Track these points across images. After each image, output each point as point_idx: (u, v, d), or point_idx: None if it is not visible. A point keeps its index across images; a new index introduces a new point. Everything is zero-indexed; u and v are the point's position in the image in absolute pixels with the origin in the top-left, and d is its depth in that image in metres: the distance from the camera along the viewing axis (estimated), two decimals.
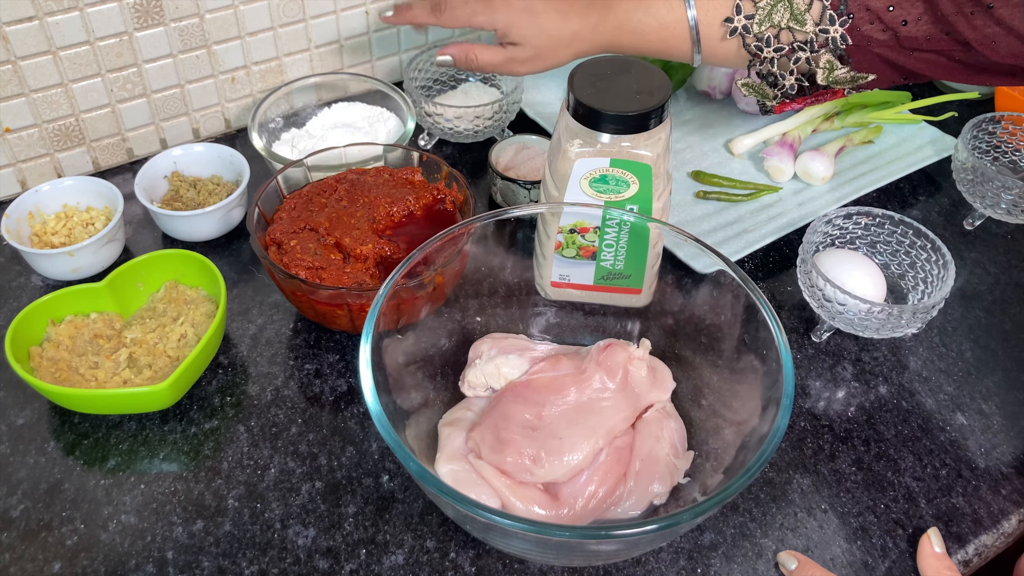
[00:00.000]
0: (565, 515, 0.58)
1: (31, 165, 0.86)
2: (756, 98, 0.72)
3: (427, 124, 0.92)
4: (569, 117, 0.63)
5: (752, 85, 0.70)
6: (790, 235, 0.84)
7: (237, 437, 0.67)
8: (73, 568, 0.59)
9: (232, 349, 0.73)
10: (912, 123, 0.96)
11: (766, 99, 0.71)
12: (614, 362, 0.64)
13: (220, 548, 0.60)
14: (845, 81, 0.67)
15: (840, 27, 0.65)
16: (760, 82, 0.69)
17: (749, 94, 0.72)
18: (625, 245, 0.66)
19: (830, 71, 0.66)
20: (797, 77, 0.68)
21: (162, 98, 0.89)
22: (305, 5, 0.91)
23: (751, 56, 0.68)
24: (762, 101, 0.72)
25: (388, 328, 0.58)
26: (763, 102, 0.72)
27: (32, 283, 0.79)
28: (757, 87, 0.70)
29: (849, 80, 0.67)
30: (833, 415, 0.70)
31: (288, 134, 0.91)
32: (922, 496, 0.65)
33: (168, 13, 0.84)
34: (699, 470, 0.61)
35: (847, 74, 0.66)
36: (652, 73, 0.64)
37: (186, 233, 0.81)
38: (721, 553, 0.61)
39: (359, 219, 0.73)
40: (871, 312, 0.69)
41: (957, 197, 0.91)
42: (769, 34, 0.67)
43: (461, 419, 0.64)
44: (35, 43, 0.79)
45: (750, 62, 0.69)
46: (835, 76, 0.66)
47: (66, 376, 0.67)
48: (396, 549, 0.60)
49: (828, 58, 0.66)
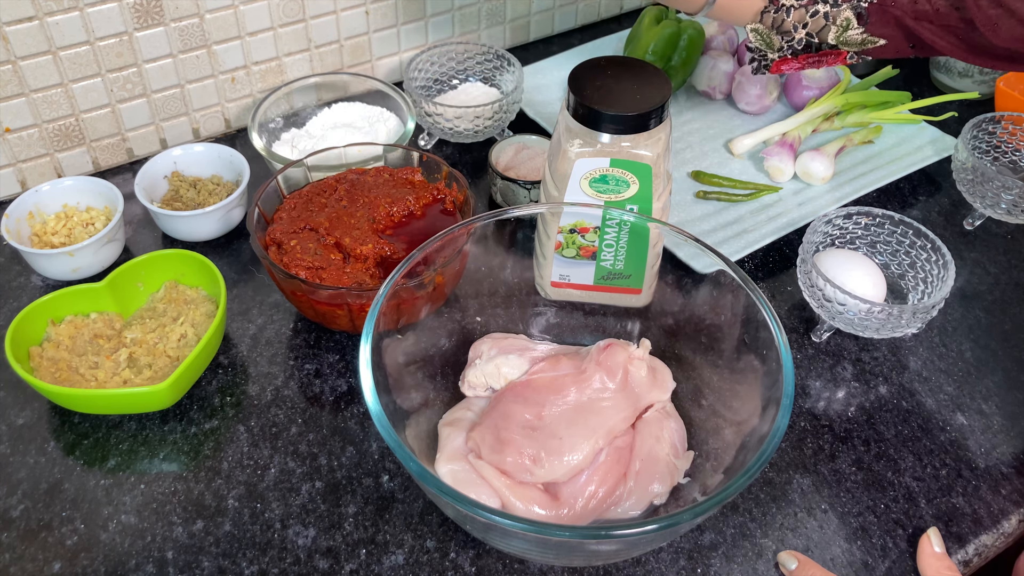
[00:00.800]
0: (565, 515, 0.58)
1: (31, 165, 0.86)
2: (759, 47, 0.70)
3: (427, 124, 0.92)
4: (569, 117, 0.63)
5: (760, 31, 0.68)
6: (790, 235, 0.84)
7: (237, 437, 0.67)
8: (73, 568, 0.59)
9: (232, 349, 0.73)
10: (912, 123, 0.96)
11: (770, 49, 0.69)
12: (614, 362, 0.64)
13: (220, 548, 0.60)
14: (855, 43, 0.66)
15: None
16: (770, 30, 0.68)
17: (756, 40, 0.70)
18: (625, 245, 0.66)
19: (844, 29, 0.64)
20: (808, 32, 0.66)
21: (162, 98, 0.89)
22: (305, 5, 0.91)
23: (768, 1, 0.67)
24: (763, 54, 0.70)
25: (388, 328, 0.59)
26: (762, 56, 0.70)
27: (32, 283, 0.79)
28: (765, 34, 0.68)
29: (859, 43, 0.66)
30: (833, 415, 0.70)
31: (288, 134, 0.91)
32: (922, 496, 0.65)
33: (168, 13, 0.84)
34: (699, 470, 0.61)
35: (859, 35, 0.65)
36: (652, 73, 0.64)
37: (186, 233, 0.81)
38: (721, 553, 0.61)
39: (359, 219, 0.73)
40: (871, 312, 0.69)
41: (957, 197, 0.91)
42: None
43: (461, 419, 0.64)
44: (35, 43, 0.79)
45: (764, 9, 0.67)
46: (847, 36, 0.65)
47: (66, 376, 0.67)
48: (396, 549, 0.60)
49: (847, 15, 0.65)
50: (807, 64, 0.69)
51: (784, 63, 0.70)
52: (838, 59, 0.68)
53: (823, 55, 0.68)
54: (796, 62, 0.69)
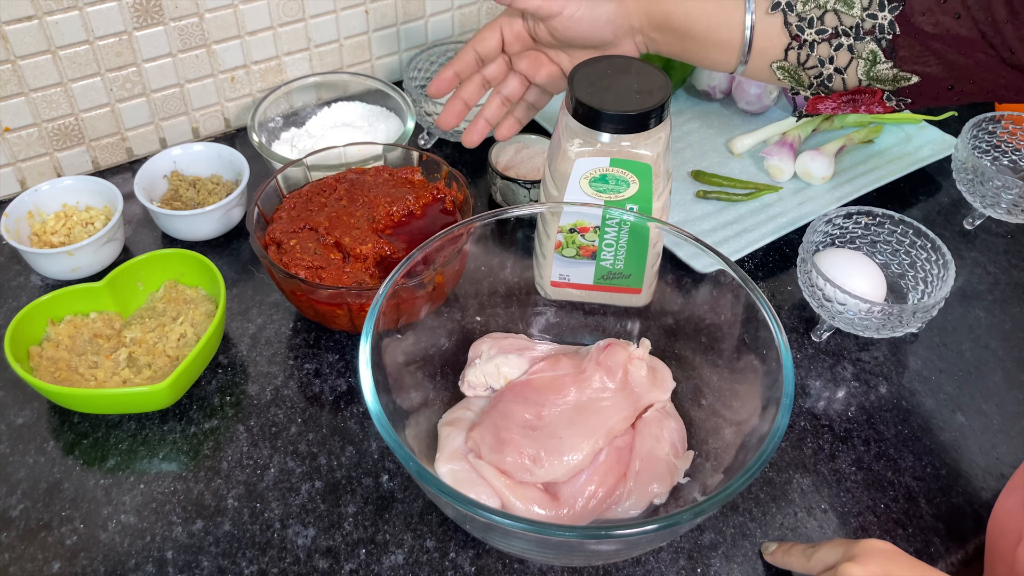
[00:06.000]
0: (565, 515, 0.58)
1: (30, 164, 0.86)
2: (789, 85, 0.68)
3: (427, 124, 0.92)
4: (569, 117, 0.63)
5: (787, 68, 0.66)
6: (790, 235, 0.84)
7: (237, 437, 0.67)
8: (73, 568, 0.59)
9: (232, 349, 0.73)
10: (912, 123, 0.96)
11: (800, 86, 0.67)
12: (614, 362, 0.64)
13: (220, 548, 0.60)
14: (887, 80, 0.63)
15: (889, 13, 0.61)
16: (796, 67, 0.66)
17: (784, 78, 0.67)
18: (625, 245, 0.66)
19: (871, 63, 0.62)
20: (836, 68, 0.64)
21: (162, 97, 0.89)
22: (305, 5, 0.91)
23: (791, 38, 0.64)
24: (795, 91, 0.68)
25: (388, 328, 0.58)
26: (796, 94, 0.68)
27: (32, 283, 0.79)
28: (792, 71, 0.66)
29: (891, 79, 0.63)
30: (833, 415, 0.70)
31: (288, 133, 0.91)
32: (922, 496, 0.65)
33: (168, 12, 0.83)
34: (699, 470, 0.61)
35: (890, 70, 0.63)
36: (652, 73, 0.64)
37: (186, 233, 0.81)
38: (721, 553, 0.61)
39: (359, 219, 0.73)
40: (871, 312, 0.69)
41: (957, 197, 0.91)
42: (813, 15, 0.63)
43: (461, 419, 0.64)
44: (35, 42, 0.79)
45: (788, 46, 0.65)
46: (877, 71, 0.63)
47: (65, 376, 0.67)
48: (396, 549, 0.60)
49: (872, 48, 0.62)
50: (842, 103, 0.67)
51: (819, 101, 0.67)
52: (874, 99, 0.66)
53: (857, 93, 0.66)
54: (831, 100, 0.67)
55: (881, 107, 0.66)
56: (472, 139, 0.76)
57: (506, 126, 0.76)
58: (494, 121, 0.76)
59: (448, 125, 0.75)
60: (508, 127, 0.76)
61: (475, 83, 0.73)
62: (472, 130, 0.76)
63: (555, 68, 0.72)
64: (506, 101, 0.75)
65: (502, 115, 0.76)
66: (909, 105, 0.66)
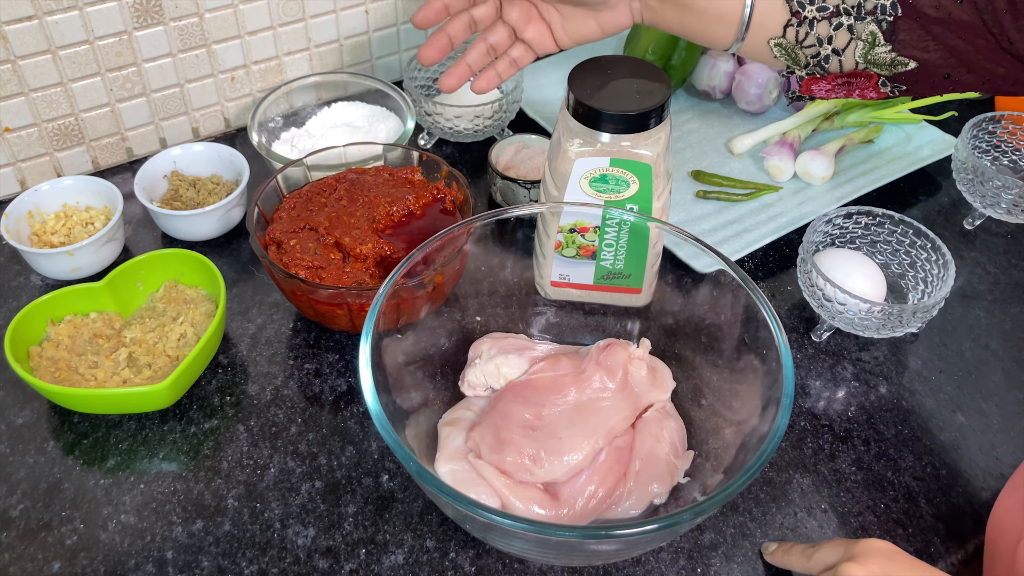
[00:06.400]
0: (565, 515, 0.58)
1: (30, 164, 0.86)
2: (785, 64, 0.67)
3: (427, 124, 0.92)
4: (569, 117, 0.63)
5: (784, 46, 0.65)
6: (790, 235, 0.84)
7: (237, 437, 0.67)
8: (73, 568, 0.59)
9: (232, 349, 0.73)
10: (912, 122, 0.96)
11: (797, 66, 0.66)
12: (614, 362, 0.64)
13: (220, 548, 0.60)
14: (884, 64, 0.62)
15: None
16: (794, 45, 0.64)
17: (780, 56, 0.66)
18: (625, 245, 0.66)
19: (870, 46, 0.61)
20: (834, 48, 0.63)
21: (162, 97, 0.89)
22: (305, 5, 0.91)
23: (791, 14, 0.63)
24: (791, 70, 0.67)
25: (388, 328, 0.58)
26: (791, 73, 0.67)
27: (32, 283, 0.79)
28: (789, 49, 0.65)
29: (888, 64, 0.62)
30: (833, 415, 0.70)
31: (288, 133, 0.91)
32: (922, 496, 0.65)
33: (168, 12, 0.83)
34: (699, 470, 0.61)
35: (888, 54, 0.62)
36: (652, 73, 0.64)
37: (186, 232, 0.81)
38: (721, 553, 0.61)
39: (359, 219, 0.73)
40: (871, 312, 0.69)
41: (957, 197, 0.91)
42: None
43: (461, 419, 0.64)
44: (35, 42, 0.79)
45: (788, 22, 0.64)
46: (875, 55, 0.62)
47: (65, 376, 0.67)
48: (396, 549, 0.60)
49: (872, 28, 0.61)
50: (836, 86, 0.66)
51: (814, 82, 0.67)
52: (869, 84, 0.65)
53: (853, 76, 0.65)
54: (825, 83, 0.66)
55: (875, 92, 0.66)
56: (450, 83, 0.71)
57: (486, 78, 0.72)
58: (476, 68, 0.72)
59: (430, 60, 0.70)
60: (488, 79, 0.72)
61: (462, 20, 0.70)
62: (451, 73, 0.71)
63: (544, 27, 0.69)
64: (491, 50, 0.71)
65: (484, 64, 0.72)
66: (904, 92, 0.65)
